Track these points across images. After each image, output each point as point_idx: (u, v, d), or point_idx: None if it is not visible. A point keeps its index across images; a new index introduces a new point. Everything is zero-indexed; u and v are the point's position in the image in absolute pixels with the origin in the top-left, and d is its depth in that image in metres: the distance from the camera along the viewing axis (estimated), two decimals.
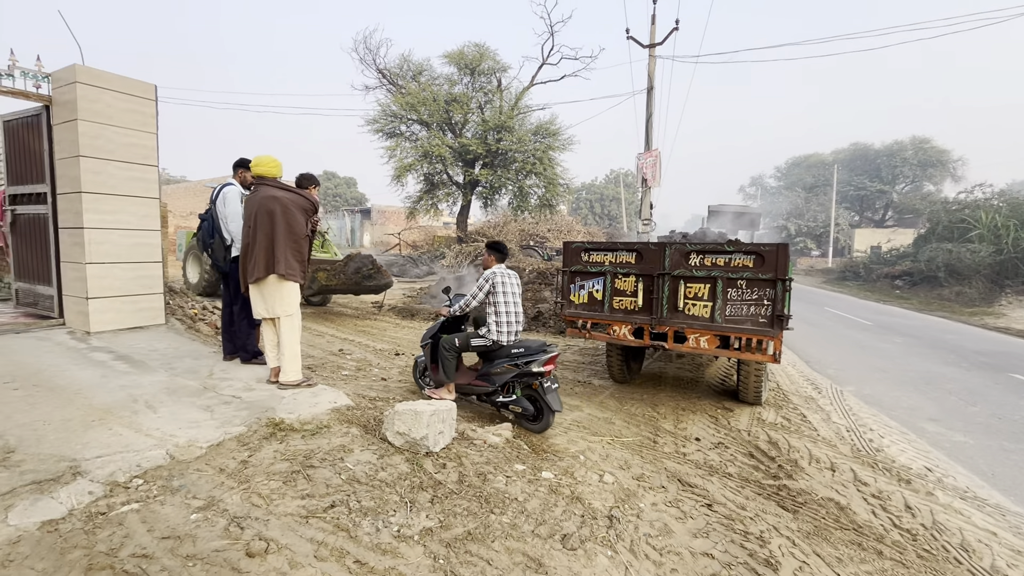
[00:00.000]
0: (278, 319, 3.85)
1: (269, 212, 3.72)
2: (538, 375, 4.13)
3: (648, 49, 12.89)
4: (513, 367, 4.18)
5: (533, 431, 4.22)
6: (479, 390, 4.39)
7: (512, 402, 4.25)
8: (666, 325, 4.75)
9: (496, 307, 4.29)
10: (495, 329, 4.30)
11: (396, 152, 19.70)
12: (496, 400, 4.33)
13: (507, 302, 4.32)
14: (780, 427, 4.91)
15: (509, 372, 4.19)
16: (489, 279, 4.31)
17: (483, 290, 4.31)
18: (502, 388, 4.31)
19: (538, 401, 4.21)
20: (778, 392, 6.20)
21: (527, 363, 4.13)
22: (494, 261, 4.51)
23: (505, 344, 4.32)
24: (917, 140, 42.27)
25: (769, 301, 4.33)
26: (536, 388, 4.17)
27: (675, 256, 4.69)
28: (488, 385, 4.32)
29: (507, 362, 4.23)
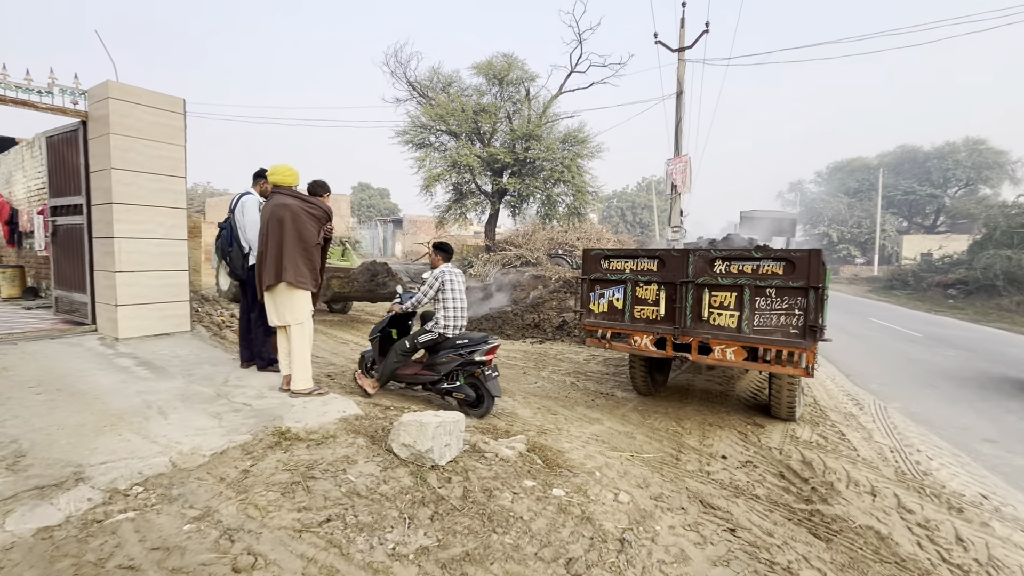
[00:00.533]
0: (288, 327, 3.84)
1: (279, 220, 3.73)
2: (480, 364, 4.52)
3: (677, 53, 12.63)
4: (457, 356, 4.54)
5: (474, 416, 4.59)
6: (425, 379, 4.71)
7: (456, 388, 4.61)
8: (690, 335, 4.53)
9: (444, 303, 4.59)
10: (443, 323, 4.60)
11: (425, 162, 19.94)
12: (441, 387, 4.68)
13: (454, 298, 4.62)
14: (815, 446, 4.59)
15: (453, 361, 4.55)
16: (438, 277, 4.59)
17: (433, 287, 4.59)
18: (447, 376, 4.65)
19: (480, 388, 4.59)
20: (815, 408, 5.83)
21: (470, 353, 4.50)
22: (441, 260, 4.81)
23: (451, 336, 4.64)
24: (971, 141, 39.98)
25: (801, 311, 4.06)
26: (478, 376, 4.55)
27: (699, 263, 4.47)
28: (433, 374, 4.65)
29: (451, 352, 4.58)
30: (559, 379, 6.79)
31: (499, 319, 10.58)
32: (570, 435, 4.69)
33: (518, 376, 6.84)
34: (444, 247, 4.86)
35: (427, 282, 4.66)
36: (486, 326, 10.44)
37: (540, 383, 6.54)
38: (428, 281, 4.65)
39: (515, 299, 12.01)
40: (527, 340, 9.67)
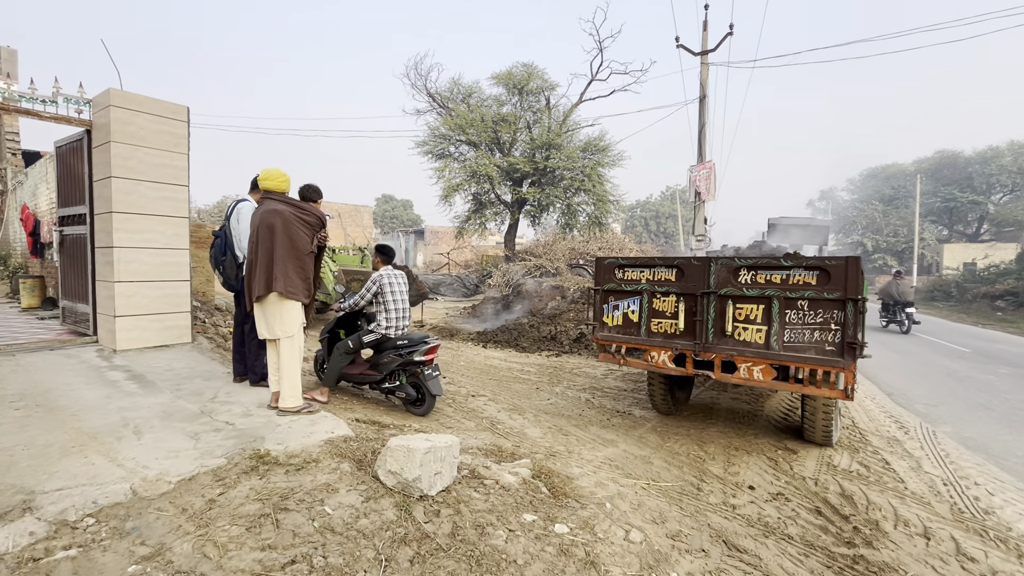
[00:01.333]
0: (278, 340, 3.62)
1: (269, 227, 3.53)
2: (420, 363, 4.66)
3: (700, 57, 12.24)
4: (398, 357, 4.67)
5: (417, 414, 4.78)
6: (370, 379, 4.86)
7: (397, 388, 4.78)
8: (712, 352, 4.13)
9: (386, 304, 4.68)
10: (384, 324, 4.70)
11: (444, 173, 19.91)
12: (384, 387, 4.84)
13: (395, 300, 4.70)
14: (856, 476, 4.11)
15: (395, 361, 4.68)
16: (376, 280, 4.66)
17: (371, 290, 4.67)
18: (389, 376, 4.79)
19: (421, 387, 4.74)
20: (853, 431, 5.31)
21: (410, 353, 4.63)
22: (381, 263, 4.86)
23: (392, 337, 4.75)
24: (1016, 145, 38.04)
25: (838, 325, 3.64)
26: (419, 375, 4.68)
27: (722, 272, 4.09)
28: (377, 374, 4.79)
29: (393, 352, 4.70)
30: (573, 395, 6.43)
31: (515, 330, 10.28)
32: (581, 458, 4.33)
33: (530, 392, 6.51)
34: (384, 250, 4.92)
35: (365, 285, 4.75)
36: (501, 338, 10.15)
37: (553, 399, 6.19)
38: (367, 284, 4.74)
39: (532, 310, 11.69)
40: (543, 353, 9.33)
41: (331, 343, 5.36)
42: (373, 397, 5.54)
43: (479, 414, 5.42)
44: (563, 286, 12.51)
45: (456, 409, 5.54)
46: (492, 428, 4.98)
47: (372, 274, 4.78)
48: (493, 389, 6.58)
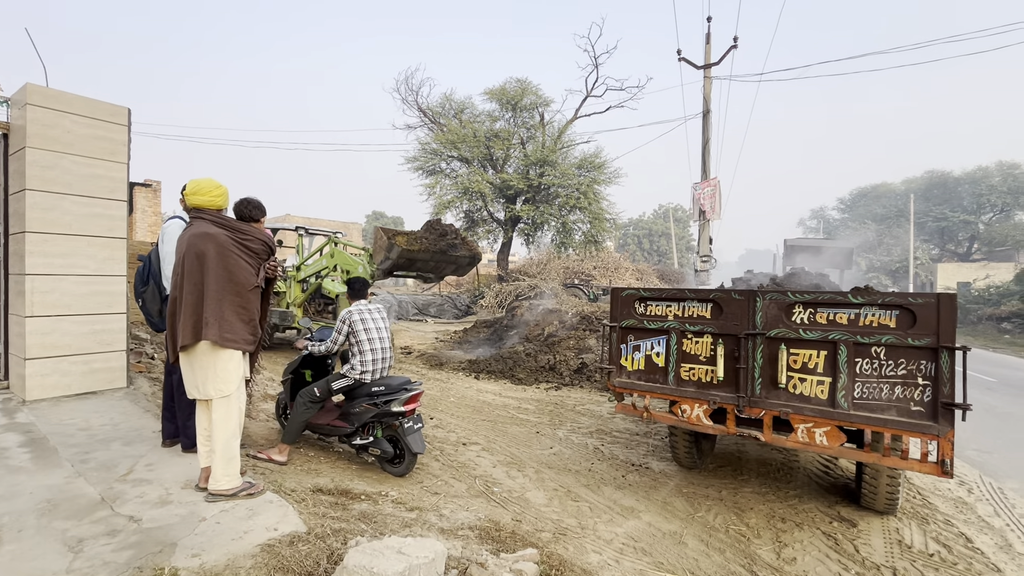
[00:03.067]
0: (210, 401, 2.78)
1: (199, 255, 2.72)
2: (398, 415, 4.03)
3: (703, 70, 11.74)
4: (373, 407, 4.05)
5: (394, 474, 4.12)
6: (339, 431, 4.22)
7: (371, 443, 4.12)
8: (761, 407, 3.34)
9: (360, 345, 4.11)
10: (359, 368, 4.11)
11: (436, 189, 19.23)
12: (355, 443, 4.18)
13: (371, 339, 4.14)
14: (939, 561, 3.31)
15: (368, 412, 4.07)
16: (346, 319, 4.11)
17: (341, 332, 4.12)
18: (362, 429, 4.16)
19: (399, 442, 4.09)
20: (910, 489, 4.53)
21: (387, 402, 4.02)
22: (351, 298, 4.35)
23: (367, 382, 4.15)
24: (1004, 165, 38.35)
25: (927, 380, 2.87)
26: (397, 429, 4.05)
27: (771, 309, 3.32)
28: (348, 425, 4.16)
29: (367, 401, 4.08)
30: (579, 441, 5.59)
31: (510, 359, 9.44)
32: (598, 537, 3.50)
33: (530, 437, 5.67)
34: (353, 284, 4.38)
35: (335, 327, 4.17)
36: (495, 368, 9.30)
37: (556, 448, 5.35)
38: (336, 326, 4.17)
39: (528, 335, 10.88)
40: (541, 385, 8.49)
41: (295, 385, 4.62)
42: (344, 449, 4.70)
43: (471, 471, 4.57)
44: (561, 309, 11.74)
45: (444, 464, 4.69)
46: (487, 491, 4.13)
47: (343, 311, 4.13)
48: (487, 434, 5.73)
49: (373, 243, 7.33)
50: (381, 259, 7.19)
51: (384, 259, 7.13)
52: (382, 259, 7.17)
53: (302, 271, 8.90)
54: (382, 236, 7.21)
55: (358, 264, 7.88)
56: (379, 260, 7.22)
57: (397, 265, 7.24)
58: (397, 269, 7.42)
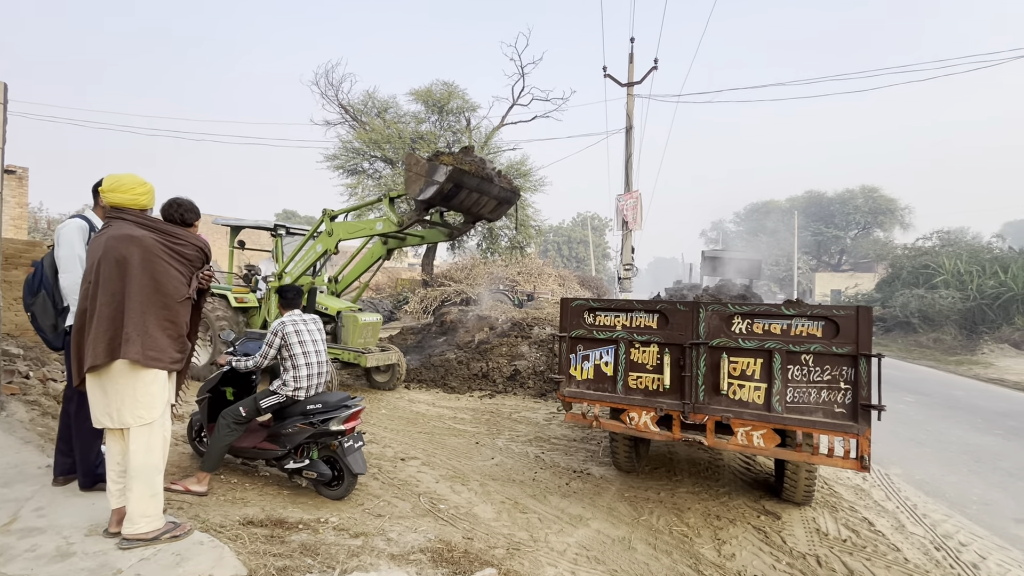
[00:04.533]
0: (126, 430, 2.39)
1: (119, 261, 2.34)
2: (337, 434, 3.75)
3: (626, 88, 12.34)
4: (308, 426, 3.75)
5: (332, 498, 3.83)
6: (268, 454, 3.87)
7: (306, 466, 3.78)
8: (704, 413, 3.52)
9: (293, 359, 3.79)
10: (292, 384, 3.78)
11: (357, 190, 18.45)
12: (287, 466, 3.83)
13: (306, 352, 3.84)
14: (852, 546, 3.68)
15: (303, 432, 3.75)
16: (278, 331, 3.79)
17: (273, 346, 3.79)
18: (295, 451, 3.83)
19: (338, 463, 3.82)
20: (819, 480, 5.01)
21: (324, 421, 3.73)
22: (283, 308, 4.05)
23: (302, 400, 3.83)
24: (867, 189, 44.39)
25: (848, 384, 3.19)
26: (335, 449, 3.78)
27: (713, 320, 3.52)
28: (278, 448, 3.82)
29: (301, 420, 3.77)
30: (520, 450, 5.57)
31: (441, 367, 9.24)
32: (551, 550, 3.48)
33: (470, 449, 5.55)
34: (284, 292, 4.07)
35: (265, 339, 3.82)
36: (426, 376, 9.05)
37: (498, 458, 5.29)
38: (267, 338, 3.81)
39: (459, 343, 10.72)
40: (475, 393, 8.39)
41: (214, 405, 4.17)
42: (272, 473, 4.30)
43: (414, 488, 4.38)
44: (491, 316, 11.70)
45: (384, 482, 4.45)
46: (433, 510, 3.97)
47: (274, 323, 3.79)
48: (426, 447, 5.53)
49: (405, 172, 5.89)
50: (420, 188, 5.66)
51: (426, 186, 5.58)
52: (422, 187, 5.64)
53: (286, 277, 7.54)
54: (419, 160, 5.72)
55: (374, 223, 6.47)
56: (416, 190, 5.70)
57: (442, 194, 5.65)
58: (440, 202, 5.87)
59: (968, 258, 20.61)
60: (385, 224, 6.52)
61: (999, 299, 17.62)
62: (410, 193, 5.81)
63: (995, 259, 20.12)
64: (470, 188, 5.91)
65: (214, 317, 7.67)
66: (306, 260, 7.42)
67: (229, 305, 7.99)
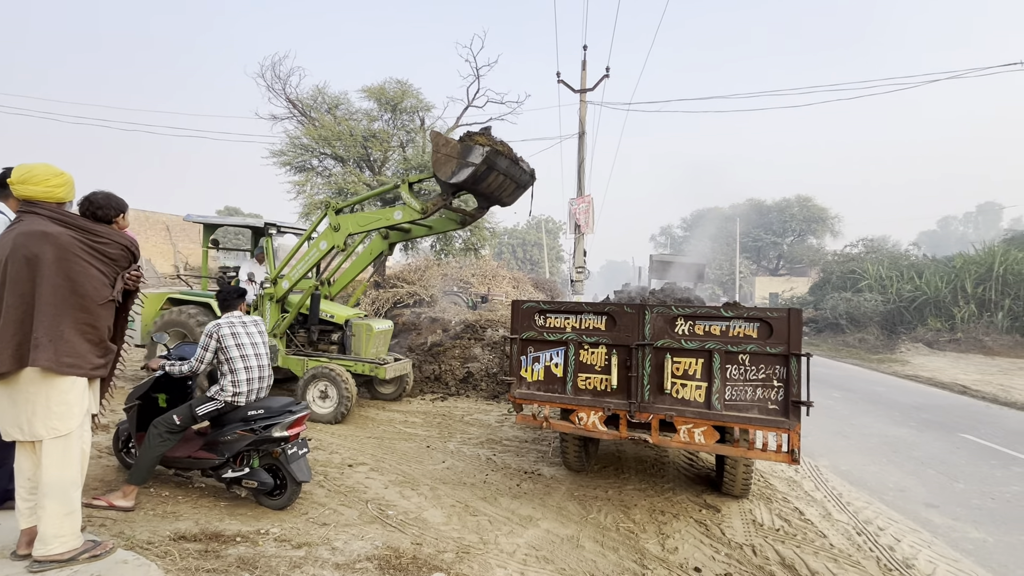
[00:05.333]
0: (39, 443, 2.20)
1: (30, 260, 2.15)
2: (280, 441, 3.62)
3: (579, 95, 12.58)
4: (249, 432, 3.61)
5: (272, 508, 3.70)
6: (204, 464, 3.68)
7: (246, 475, 3.61)
8: (649, 412, 3.64)
9: (231, 363, 3.64)
10: (231, 389, 3.62)
11: (306, 187, 17.82)
12: (224, 476, 3.64)
13: (245, 356, 3.69)
14: (784, 535, 3.90)
15: (244, 439, 3.61)
16: (212, 334, 3.62)
17: (208, 349, 3.62)
18: (234, 459, 3.67)
19: (281, 471, 3.68)
20: (755, 472, 5.29)
21: (267, 427, 3.60)
22: (221, 309, 3.90)
23: (242, 405, 3.68)
24: (802, 198, 47.30)
25: (780, 382, 3.38)
26: (278, 457, 3.65)
27: (658, 322, 3.64)
28: (215, 457, 3.64)
29: (242, 427, 3.63)
30: (471, 453, 5.55)
31: None
32: (500, 551, 3.49)
33: (421, 453, 5.48)
34: (221, 293, 3.89)
35: (200, 342, 3.62)
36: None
37: (449, 461, 5.25)
38: (201, 341, 3.63)
39: (411, 345, 10.56)
40: (427, 396, 8.29)
41: (144, 413, 3.93)
42: (209, 484, 4.09)
43: (361, 494, 4.27)
44: (444, 317, 11.60)
45: (330, 490, 4.31)
46: (382, 516, 3.89)
47: (209, 325, 3.63)
48: (374, 452, 5.41)
49: (433, 154, 5.47)
50: (452, 170, 5.28)
51: (458, 168, 5.22)
52: (454, 169, 5.26)
53: (284, 280, 6.73)
54: (449, 140, 5.35)
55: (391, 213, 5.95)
56: (448, 172, 5.31)
57: (475, 176, 5.27)
58: (472, 184, 5.47)
59: (889, 264, 22.38)
60: (405, 212, 5.94)
61: (915, 302, 19.23)
62: (441, 175, 5.36)
63: (911, 265, 21.96)
64: (500, 170, 5.48)
65: (195, 326, 6.78)
66: (308, 260, 6.58)
67: (215, 315, 7.04)
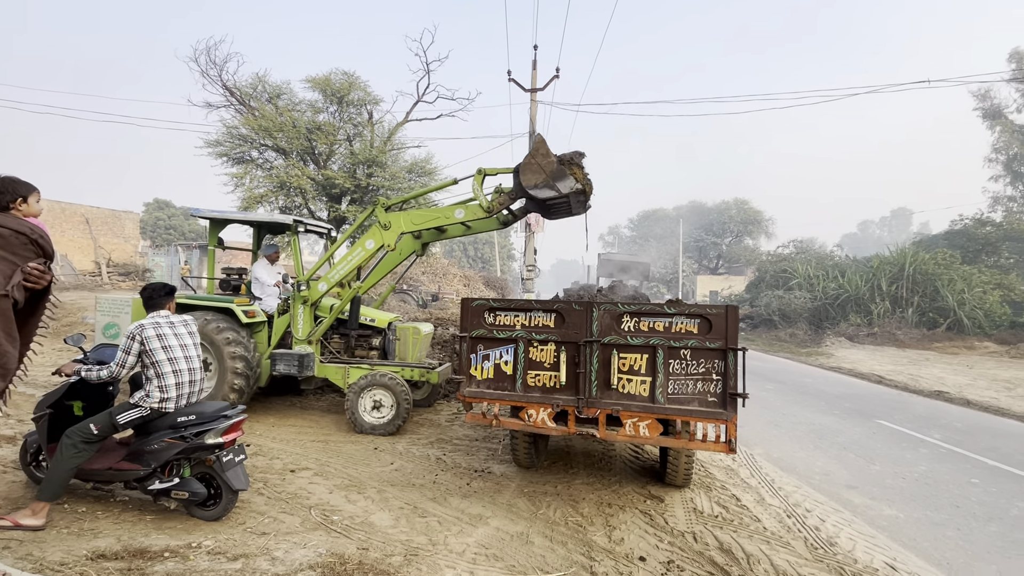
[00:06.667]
0: None
1: None
2: (214, 448, 3.44)
3: (530, 94, 12.67)
4: (179, 440, 3.39)
5: (206, 519, 3.51)
6: (128, 475, 3.43)
7: (176, 486, 3.39)
8: (596, 407, 3.71)
9: (157, 367, 3.38)
10: (158, 395, 3.38)
11: (245, 180, 16.93)
12: (151, 488, 3.40)
13: (173, 358, 3.45)
14: (722, 521, 4.09)
15: (173, 448, 3.38)
16: (135, 336, 3.34)
17: (131, 352, 3.34)
18: (162, 469, 3.44)
19: (215, 480, 3.51)
20: (696, 462, 5.52)
21: (199, 434, 3.40)
22: (145, 308, 3.62)
23: (170, 412, 3.45)
24: (740, 201, 49.91)
25: (719, 376, 3.54)
26: (212, 464, 3.47)
27: (605, 319, 3.72)
28: (140, 467, 3.40)
29: (171, 435, 3.41)
30: (421, 453, 5.47)
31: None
32: (449, 551, 3.46)
33: (368, 455, 5.34)
34: (148, 291, 3.60)
35: (121, 344, 3.34)
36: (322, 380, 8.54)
37: (397, 463, 5.15)
38: (123, 343, 3.34)
39: None
40: None
41: (56, 424, 3.62)
42: (133, 496, 3.81)
43: (304, 501, 4.11)
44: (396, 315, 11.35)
45: (271, 497, 4.13)
46: (326, 522, 3.76)
47: (131, 326, 3.36)
48: (319, 456, 5.23)
49: (529, 156, 5.13)
50: (537, 182, 5.04)
51: (543, 185, 5.03)
52: (539, 183, 5.03)
53: (320, 283, 6.26)
54: (549, 154, 5.00)
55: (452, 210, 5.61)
56: (532, 182, 5.05)
57: (553, 199, 5.20)
58: (544, 205, 5.39)
59: (816, 264, 24.03)
60: (468, 211, 5.63)
61: (839, 299, 20.76)
62: (524, 181, 5.14)
63: (835, 265, 23.68)
64: (570, 201, 5.42)
65: (222, 340, 5.99)
66: (351, 261, 6.15)
67: (239, 323, 6.22)
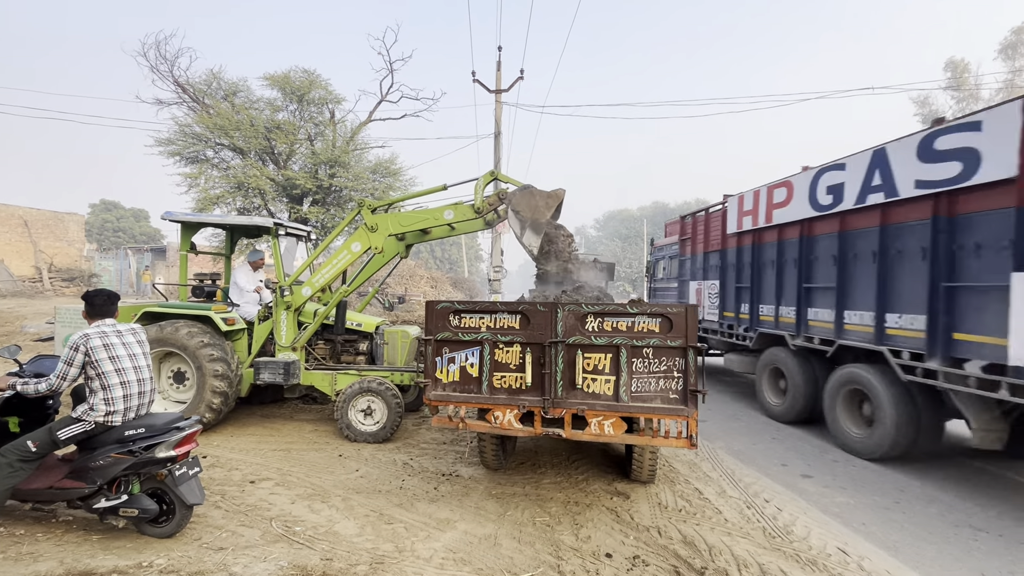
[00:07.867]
0: None
1: None
2: (166, 461, 3.30)
3: (495, 95, 12.68)
4: (127, 455, 3.24)
5: (157, 537, 3.36)
6: (71, 494, 3.26)
7: (124, 503, 3.24)
8: (562, 407, 3.74)
9: (103, 378, 3.23)
10: (103, 408, 3.24)
11: (200, 180, 16.28)
12: (97, 506, 3.24)
13: (121, 369, 3.31)
14: (685, 514, 4.20)
15: (120, 463, 3.23)
16: (78, 346, 3.20)
17: (73, 364, 3.20)
18: (108, 486, 3.29)
19: (168, 495, 3.36)
20: (660, 457, 5.65)
21: (150, 448, 3.26)
22: (89, 316, 3.47)
23: (117, 425, 3.30)
24: (701, 201, 51.44)
25: (680, 373, 3.63)
26: (164, 479, 3.32)
27: (570, 319, 3.76)
28: (84, 485, 3.23)
29: (118, 449, 3.25)
30: (387, 458, 5.39)
31: None
32: (416, 557, 3.42)
33: (332, 462, 5.22)
34: (92, 298, 3.45)
35: (63, 355, 3.18)
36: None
37: (363, 469, 5.06)
38: (65, 353, 3.18)
39: None
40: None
41: None
42: (78, 516, 3.61)
43: (264, 512, 3.99)
44: None
45: (228, 510, 3.98)
46: (288, 533, 3.66)
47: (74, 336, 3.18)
48: (280, 465, 5.08)
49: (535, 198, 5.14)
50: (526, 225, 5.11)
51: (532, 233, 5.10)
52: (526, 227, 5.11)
53: (304, 287, 6.04)
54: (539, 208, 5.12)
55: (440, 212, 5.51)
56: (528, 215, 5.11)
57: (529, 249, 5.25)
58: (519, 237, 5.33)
59: None
60: (457, 212, 5.61)
61: None
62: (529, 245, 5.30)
63: None
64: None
65: (195, 344, 5.71)
66: (336, 264, 6.03)
67: (218, 330, 5.96)
